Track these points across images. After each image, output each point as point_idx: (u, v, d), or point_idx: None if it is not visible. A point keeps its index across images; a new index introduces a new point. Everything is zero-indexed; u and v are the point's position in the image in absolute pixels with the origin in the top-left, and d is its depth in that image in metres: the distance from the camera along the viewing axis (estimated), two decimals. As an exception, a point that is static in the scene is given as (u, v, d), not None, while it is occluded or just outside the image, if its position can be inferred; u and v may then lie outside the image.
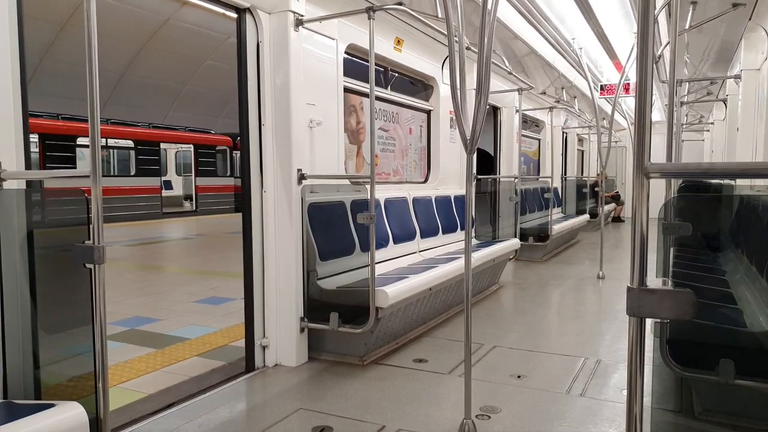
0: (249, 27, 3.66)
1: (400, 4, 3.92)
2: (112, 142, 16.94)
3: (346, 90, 4.52)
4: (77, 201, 2.11)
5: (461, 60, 2.83)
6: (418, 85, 6.19)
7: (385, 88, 5.57)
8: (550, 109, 9.80)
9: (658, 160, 1.41)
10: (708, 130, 14.62)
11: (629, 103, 12.55)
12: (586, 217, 11.27)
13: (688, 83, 8.82)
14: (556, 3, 6.43)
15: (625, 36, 7.78)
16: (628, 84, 8.66)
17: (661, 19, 5.60)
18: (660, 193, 3.37)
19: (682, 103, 8.14)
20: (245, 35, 3.65)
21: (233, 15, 3.71)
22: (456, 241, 6.06)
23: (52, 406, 1.93)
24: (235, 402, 3.25)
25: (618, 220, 15.35)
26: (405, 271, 4.57)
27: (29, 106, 2.34)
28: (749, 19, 5.76)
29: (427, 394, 3.32)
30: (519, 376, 3.58)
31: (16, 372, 2.23)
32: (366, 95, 4.43)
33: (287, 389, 3.42)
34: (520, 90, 7.32)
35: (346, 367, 3.75)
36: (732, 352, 2.54)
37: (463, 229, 6.02)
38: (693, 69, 8.85)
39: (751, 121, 6.15)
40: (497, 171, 8.58)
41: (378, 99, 5.28)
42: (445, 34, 2.85)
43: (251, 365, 3.74)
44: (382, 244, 4.82)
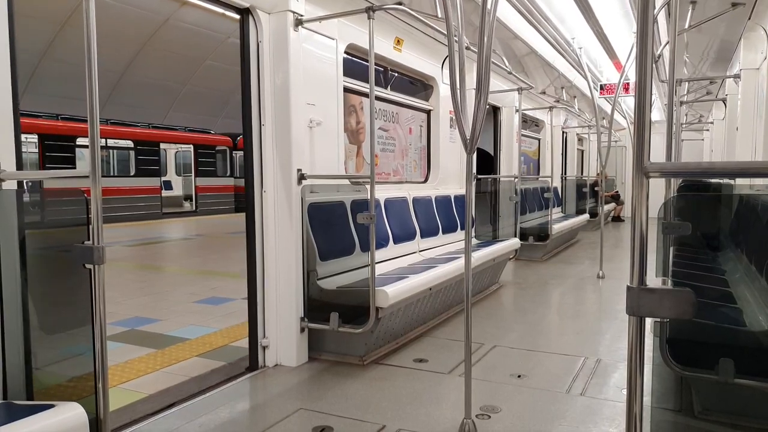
0: (249, 27, 3.66)
1: (399, 3, 3.92)
2: (111, 142, 16.94)
3: (346, 90, 4.51)
4: (77, 201, 2.11)
5: (461, 60, 2.83)
6: (418, 85, 6.19)
7: (385, 88, 5.57)
8: (550, 108, 9.80)
9: (658, 159, 1.41)
10: (707, 130, 14.62)
11: (629, 103, 12.55)
12: (586, 216, 11.27)
13: (687, 83, 8.83)
14: (555, 3, 6.43)
15: (624, 36, 7.79)
16: (628, 83, 8.66)
17: (661, 18, 5.60)
18: (660, 193, 3.36)
19: (681, 103, 8.14)
20: (248, 35, 3.66)
21: (233, 15, 3.72)
22: (456, 240, 6.06)
23: (52, 406, 1.93)
24: (236, 402, 3.25)
25: (618, 219, 15.35)
26: (405, 271, 4.57)
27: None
28: (749, 18, 5.76)
29: (427, 393, 3.32)
30: (519, 376, 3.58)
31: (16, 372, 2.23)
32: (366, 95, 4.43)
33: (287, 389, 3.42)
34: (519, 90, 7.32)
35: (346, 367, 3.75)
36: (732, 351, 2.54)
37: (463, 228, 6.02)
38: (692, 68, 8.85)
39: (751, 121, 6.15)
40: (497, 171, 8.58)
41: (378, 99, 5.27)
42: (445, 33, 2.85)
43: (254, 364, 3.75)
44: (382, 244, 4.82)
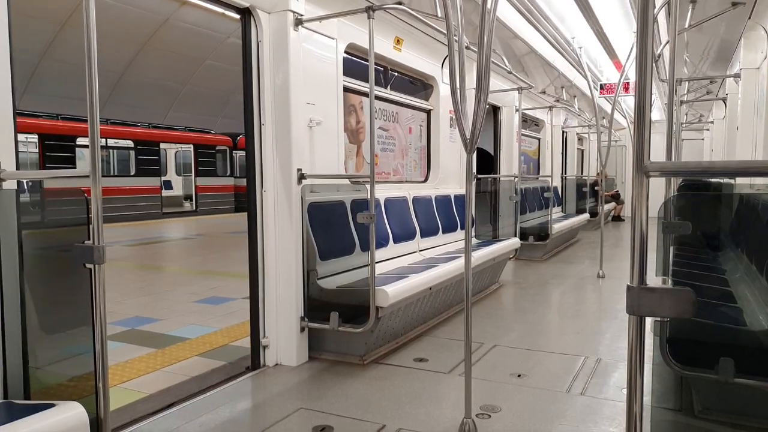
0: (249, 27, 3.66)
1: (399, 3, 3.92)
2: (111, 142, 16.94)
3: (346, 89, 4.51)
4: (77, 201, 2.11)
5: (461, 59, 2.83)
6: (418, 85, 6.19)
7: (385, 88, 5.57)
8: (550, 108, 9.80)
9: (658, 159, 1.41)
10: (707, 129, 14.62)
11: (629, 102, 12.55)
12: (586, 216, 11.26)
13: (687, 82, 8.82)
14: (555, 2, 6.43)
15: (624, 35, 7.79)
16: (628, 83, 8.66)
17: (661, 18, 5.60)
18: (660, 192, 3.36)
19: (681, 102, 8.14)
20: (250, 35, 3.66)
21: (233, 15, 3.72)
22: (456, 240, 6.06)
23: (53, 406, 1.93)
24: (236, 401, 3.25)
25: (618, 219, 15.35)
26: (405, 270, 4.57)
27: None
28: (749, 18, 5.76)
29: (427, 393, 3.32)
30: (519, 375, 3.58)
31: (16, 372, 2.23)
32: (366, 95, 4.43)
33: (287, 389, 3.42)
34: (519, 89, 7.31)
35: (346, 366, 3.75)
36: (732, 350, 2.54)
37: (463, 228, 6.02)
38: (693, 68, 8.85)
39: (751, 120, 6.15)
40: (497, 170, 8.58)
41: (378, 98, 5.27)
42: (445, 33, 2.85)
43: (257, 363, 3.75)
44: (382, 243, 4.82)
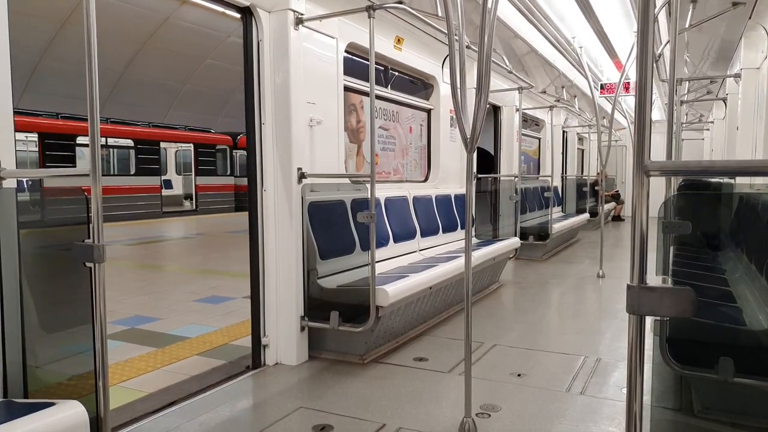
0: (250, 26, 3.66)
1: (400, 2, 3.91)
2: (111, 141, 16.94)
3: (347, 89, 4.51)
4: (77, 200, 2.11)
5: (461, 59, 2.83)
6: (419, 84, 6.19)
7: (386, 87, 5.57)
8: (551, 108, 9.79)
9: (658, 158, 1.41)
10: (708, 129, 14.62)
11: (629, 102, 12.55)
12: (586, 216, 11.27)
13: (688, 82, 8.83)
14: (556, 2, 6.43)
15: (625, 35, 7.78)
16: (628, 83, 8.65)
17: (661, 17, 5.60)
18: (660, 192, 3.36)
19: (682, 102, 8.14)
20: (250, 34, 3.66)
21: (233, 14, 3.72)
22: (456, 240, 6.06)
23: (53, 404, 1.93)
24: (236, 400, 3.25)
25: (618, 219, 15.35)
26: (405, 270, 4.57)
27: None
28: (749, 17, 5.76)
29: (427, 392, 3.32)
30: (519, 375, 3.58)
31: (16, 371, 2.23)
32: (366, 94, 4.43)
33: (288, 388, 3.42)
34: (520, 89, 7.31)
35: (346, 365, 3.75)
36: (731, 350, 2.54)
37: (463, 228, 6.02)
38: (693, 68, 8.85)
39: (751, 120, 6.15)
40: (497, 170, 8.58)
41: (378, 98, 5.27)
42: (446, 32, 2.84)
43: (257, 362, 3.75)
44: (383, 243, 4.82)
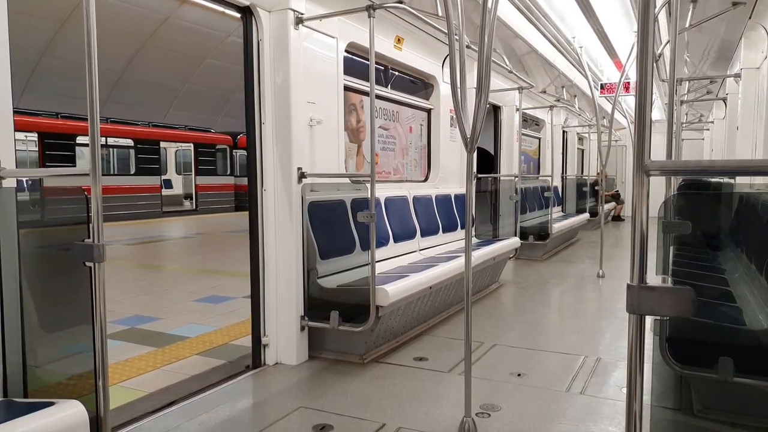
0: (250, 25, 3.66)
1: (400, 2, 3.91)
2: (111, 140, 16.94)
3: (347, 88, 4.51)
4: (77, 200, 2.11)
5: (461, 58, 2.83)
6: (419, 84, 6.18)
7: (386, 87, 5.57)
8: (551, 107, 9.79)
9: (658, 158, 1.40)
10: (708, 129, 14.62)
11: (629, 102, 12.55)
12: (586, 215, 11.27)
13: (688, 82, 8.83)
14: (556, 2, 6.43)
15: (625, 35, 7.78)
16: (628, 83, 8.65)
17: (661, 17, 5.60)
18: (660, 192, 3.36)
19: (682, 102, 8.14)
20: (250, 34, 3.66)
21: (233, 14, 3.72)
22: (456, 239, 6.06)
23: (52, 404, 1.93)
24: (236, 400, 3.25)
25: (618, 219, 15.35)
26: (405, 269, 4.57)
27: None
28: (749, 17, 5.76)
29: (427, 392, 3.32)
30: (519, 375, 3.58)
31: (16, 370, 2.23)
32: (366, 94, 4.43)
33: (288, 387, 3.42)
34: (520, 89, 7.31)
35: (346, 365, 3.75)
36: (731, 350, 2.54)
37: (463, 227, 6.02)
38: (693, 68, 8.86)
39: (751, 120, 6.15)
40: (497, 170, 8.58)
41: (378, 97, 5.27)
42: (446, 32, 2.84)
43: (257, 362, 3.75)
44: (383, 242, 4.82)
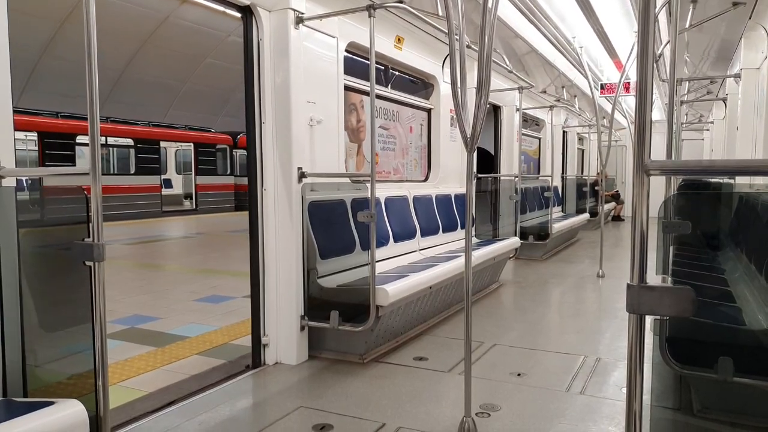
0: (251, 25, 3.66)
1: (400, 1, 3.90)
2: (111, 140, 16.94)
3: (347, 88, 4.51)
4: (77, 199, 2.11)
5: (462, 58, 2.83)
6: (419, 84, 6.18)
7: (386, 87, 5.57)
8: (551, 107, 9.79)
9: (658, 158, 1.41)
10: (708, 129, 14.62)
11: (629, 102, 12.55)
12: (586, 215, 11.27)
13: (688, 82, 8.83)
14: (556, 1, 6.43)
15: (625, 35, 7.78)
16: (629, 83, 8.65)
17: (662, 17, 5.59)
18: (660, 192, 3.36)
19: (682, 102, 8.14)
20: (251, 33, 3.66)
21: (234, 13, 3.72)
22: (456, 239, 6.06)
23: (52, 404, 1.93)
24: (236, 400, 3.25)
25: (618, 219, 15.35)
26: (405, 269, 4.57)
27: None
28: (749, 18, 5.76)
29: (427, 392, 3.32)
30: (519, 374, 3.58)
31: (16, 370, 2.23)
32: (366, 93, 4.43)
33: (287, 387, 3.42)
34: (520, 89, 7.31)
35: (346, 365, 3.75)
36: (731, 350, 2.54)
37: (463, 227, 6.02)
38: (693, 68, 8.86)
39: (751, 120, 6.15)
40: (497, 170, 8.58)
41: (378, 97, 5.27)
42: (446, 32, 2.84)
43: (257, 362, 3.75)
44: (383, 242, 4.82)
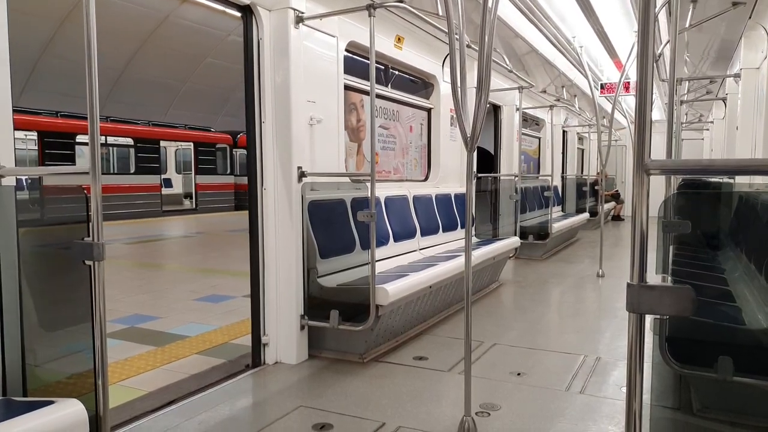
0: (251, 24, 3.66)
1: (400, 1, 3.90)
2: (111, 139, 16.93)
3: (347, 87, 4.51)
4: (77, 198, 2.11)
5: (462, 58, 2.82)
6: (419, 83, 6.18)
7: (386, 86, 5.57)
8: (551, 107, 9.79)
9: (658, 158, 1.40)
10: (707, 129, 14.62)
11: (629, 102, 12.55)
12: (586, 215, 11.28)
13: (687, 82, 8.83)
14: (556, 1, 6.42)
15: (625, 34, 7.78)
16: (628, 82, 8.65)
17: (662, 17, 5.59)
18: (659, 192, 3.36)
19: (681, 102, 8.14)
20: (251, 33, 3.66)
21: (234, 13, 3.72)
22: (456, 239, 6.06)
23: (52, 403, 1.93)
24: (236, 399, 3.25)
25: (618, 218, 15.35)
26: (405, 269, 4.57)
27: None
28: (749, 17, 5.76)
29: (427, 391, 3.32)
30: (519, 374, 3.58)
31: (15, 369, 2.23)
32: (366, 93, 4.43)
33: (287, 387, 3.42)
34: (520, 88, 7.31)
35: (346, 364, 3.75)
36: (730, 349, 2.54)
37: (463, 227, 6.02)
38: (693, 68, 8.86)
39: (751, 120, 6.15)
40: (497, 169, 8.58)
41: (378, 97, 5.27)
42: (446, 32, 2.84)
43: (257, 361, 3.75)
44: (383, 242, 4.82)
